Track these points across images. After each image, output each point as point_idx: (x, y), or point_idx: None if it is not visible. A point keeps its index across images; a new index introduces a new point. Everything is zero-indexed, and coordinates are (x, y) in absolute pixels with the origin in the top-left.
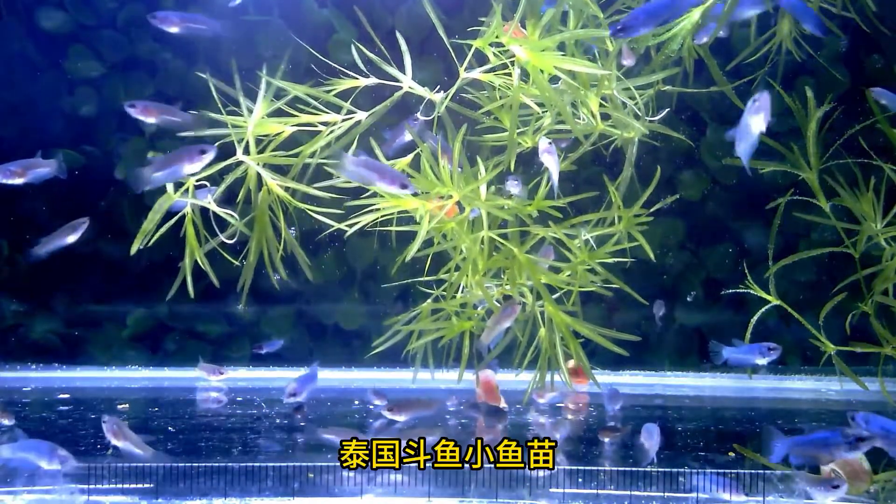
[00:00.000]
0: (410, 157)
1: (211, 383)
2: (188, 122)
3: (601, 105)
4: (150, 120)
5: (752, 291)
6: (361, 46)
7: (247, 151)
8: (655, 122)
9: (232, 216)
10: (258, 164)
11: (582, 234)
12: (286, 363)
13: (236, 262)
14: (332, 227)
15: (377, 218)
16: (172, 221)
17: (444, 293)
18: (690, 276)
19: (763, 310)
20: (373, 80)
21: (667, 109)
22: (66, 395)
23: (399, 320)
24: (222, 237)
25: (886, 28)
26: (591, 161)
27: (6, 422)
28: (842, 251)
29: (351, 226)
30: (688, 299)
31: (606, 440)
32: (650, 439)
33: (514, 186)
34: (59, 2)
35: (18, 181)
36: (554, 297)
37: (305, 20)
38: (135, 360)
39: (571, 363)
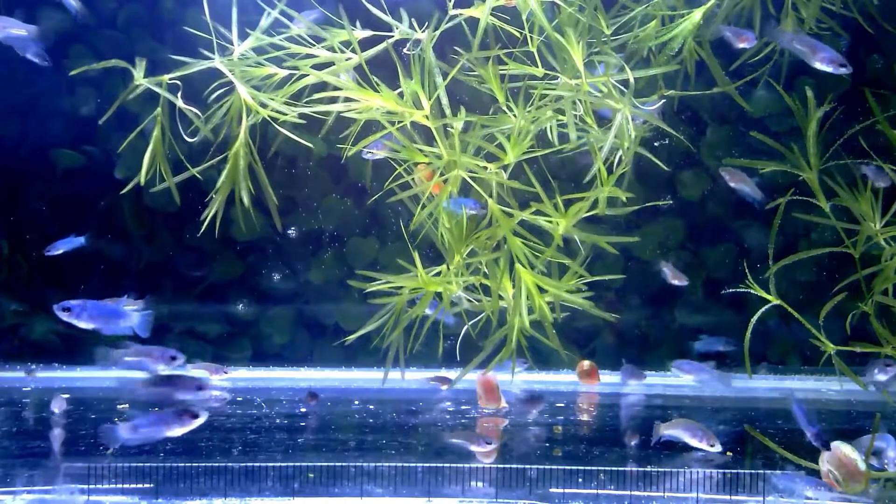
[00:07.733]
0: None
1: (211, 382)
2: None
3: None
4: None
5: (752, 291)
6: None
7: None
8: (653, 112)
9: (196, 114)
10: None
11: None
12: (286, 363)
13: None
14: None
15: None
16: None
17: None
18: (690, 276)
19: (763, 310)
20: (367, 33)
21: (662, 101)
22: (67, 396)
23: (368, 288)
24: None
25: (889, 27)
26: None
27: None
28: (842, 251)
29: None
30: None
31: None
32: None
33: None
34: (59, 2)
35: None
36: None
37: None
38: None
39: (585, 364)
